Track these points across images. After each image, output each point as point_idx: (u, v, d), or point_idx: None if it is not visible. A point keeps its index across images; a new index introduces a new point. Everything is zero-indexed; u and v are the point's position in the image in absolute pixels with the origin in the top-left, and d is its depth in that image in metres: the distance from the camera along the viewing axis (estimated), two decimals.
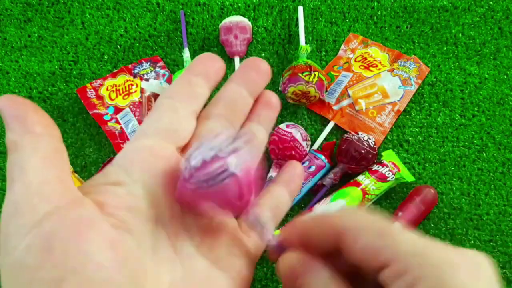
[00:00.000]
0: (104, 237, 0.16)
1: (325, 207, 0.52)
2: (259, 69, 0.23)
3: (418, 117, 0.59)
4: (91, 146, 0.58)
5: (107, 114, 0.58)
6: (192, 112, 0.22)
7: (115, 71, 0.61)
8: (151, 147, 0.20)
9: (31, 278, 0.15)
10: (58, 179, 0.17)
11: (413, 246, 0.16)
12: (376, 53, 0.62)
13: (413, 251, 0.16)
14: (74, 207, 0.16)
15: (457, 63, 0.62)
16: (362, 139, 0.53)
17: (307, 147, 0.55)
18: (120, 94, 0.59)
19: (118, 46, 0.64)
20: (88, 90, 0.59)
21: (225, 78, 0.22)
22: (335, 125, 0.58)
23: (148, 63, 0.62)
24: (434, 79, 0.61)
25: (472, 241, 0.54)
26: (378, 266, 0.17)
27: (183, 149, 0.22)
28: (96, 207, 0.17)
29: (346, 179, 0.54)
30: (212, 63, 0.23)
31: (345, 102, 0.59)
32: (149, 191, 0.19)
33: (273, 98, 0.24)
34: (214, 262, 0.20)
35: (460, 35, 0.63)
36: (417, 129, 0.58)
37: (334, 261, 0.20)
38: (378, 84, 0.59)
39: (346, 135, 0.55)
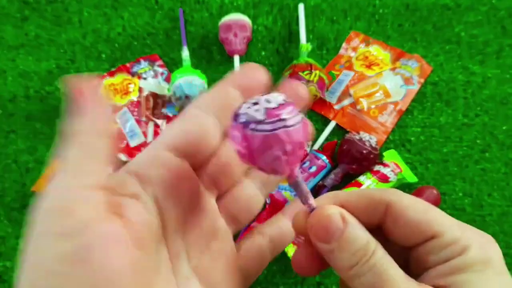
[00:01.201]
0: (128, 257, 0.16)
1: None
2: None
3: (420, 116, 0.58)
4: None
5: None
6: (220, 129, 0.20)
7: (113, 70, 0.60)
8: (168, 161, 0.19)
9: (55, 285, 0.15)
10: (98, 188, 0.17)
11: (457, 222, 0.18)
12: (378, 51, 0.61)
13: (458, 226, 0.18)
14: (106, 221, 0.16)
15: (459, 62, 0.61)
16: (363, 139, 0.52)
17: (308, 147, 0.55)
18: (118, 93, 0.59)
19: (116, 45, 0.63)
20: None
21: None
22: (336, 124, 0.57)
23: (147, 62, 0.61)
24: (437, 78, 0.60)
25: None
26: (424, 238, 0.18)
27: (201, 166, 0.21)
28: (121, 221, 0.17)
29: (348, 179, 0.54)
30: (257, 76, 0.21)
31: (346, 102, 0.58)
32: (160, 208, 0.19)
33: None
34: (209, 287, 0.20)
35: (463, 33, 0.62)
36: (419, 129, 0.58)
37: None
38: (379, 83, 0.58)
39: (347, 135, 0.54)
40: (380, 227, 0.19)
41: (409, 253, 0.19)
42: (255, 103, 0.17)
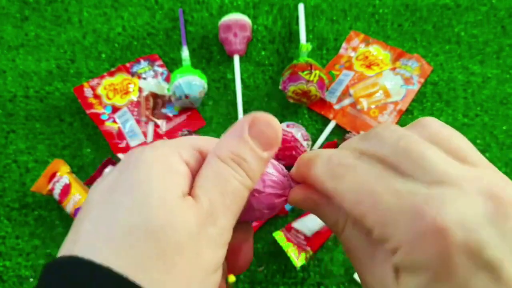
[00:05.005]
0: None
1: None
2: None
3: (420, 116, 0.58)
4: (89, 147, 0.57)
5: (104, 113, 0.57)
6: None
7: (112, 69, 0.60)
8: None
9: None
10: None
11: (396, 209, 0.16)
12: (378, 51, 0.61)
13: (393, 218, 0.16)
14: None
15: (459, 62, 0.61)
16: None
17: (308, 147, 0.54)
18: (117, 93, 0.59)
19: (116, 45, 0.63)
20: (85, 89, 0.59)
21: (224, 77, 0.21)
22: (336, 124, 0.57)
23: (146, 62, 0.61)
24: (437, 78, 0.60)
25: None
26: (364, 226, 0.17)
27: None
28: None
29: None
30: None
31: (346, 101, 0.58)
32: None
33: None
34: None
35: (463, 33, 0.62)
36: None
37: None
38: (380, 83, 0.58)
39: (347, 135, 0.54)
40: None
41: None
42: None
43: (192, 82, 0.54)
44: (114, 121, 0.57)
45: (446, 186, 0.15)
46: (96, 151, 0.57)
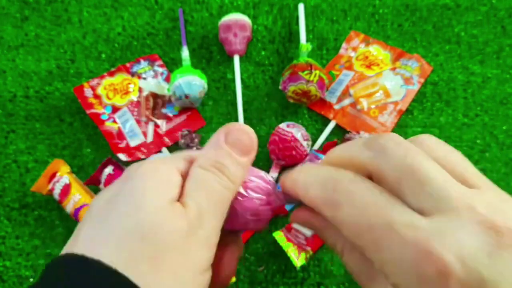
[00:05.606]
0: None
1: None
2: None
3: (420, 116, 0.58)
4: (89, 147, 0.57)
5: (104, 113, 0.57)
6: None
7: (112, 69, 0.60)
8: None
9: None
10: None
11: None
12: (378, 51, 0.61)
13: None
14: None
15: (459, 62, 0.61)
16: None
17: (308, 147, 0.54)
18: (117, 93, 0.59)
19: (116, 45, 0.63)
20: (85, 89, 0.59)
21: (224, 77, 0.21)
22: (336, 124, 0.57)
23: (146, 62, 0.61)
24: (437, 78, 0.60)
25: None
26: None
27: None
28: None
29: None
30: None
31: (346, 101, 0.58)
32: None
33: None
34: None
35: (463, 33, 0.62)
36: (419, 129, 0.58)
37: None
38: (380, 83, 0.58)
39: (347, 135, 0.54)
40: None
41: None
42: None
43: (192, 82, 0.54)
44: (114, 121, 0.57)
45: (447, 217, 0.15)
46: (96, 151, 0.57)
